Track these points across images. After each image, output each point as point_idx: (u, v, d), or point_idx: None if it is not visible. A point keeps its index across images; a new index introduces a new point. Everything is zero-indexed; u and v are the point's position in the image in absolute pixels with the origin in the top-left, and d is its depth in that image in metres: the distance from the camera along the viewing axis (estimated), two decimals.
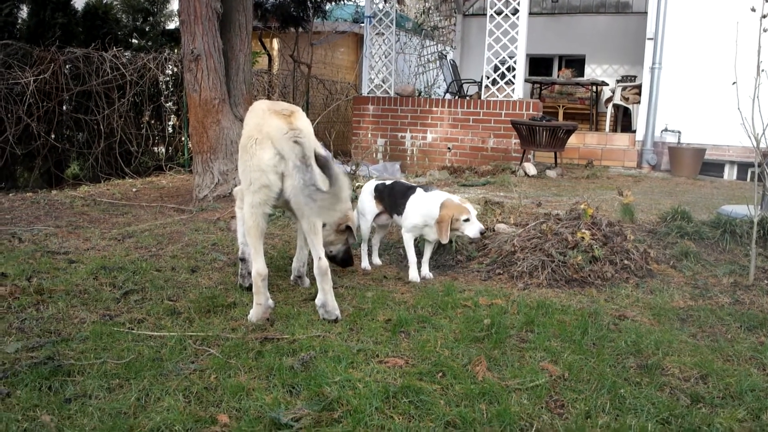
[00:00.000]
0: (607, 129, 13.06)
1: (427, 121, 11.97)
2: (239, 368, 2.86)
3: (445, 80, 13.50)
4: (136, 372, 2.78)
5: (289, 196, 3.35)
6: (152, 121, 10.78)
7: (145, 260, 4.63)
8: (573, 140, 10.85)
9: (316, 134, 11.48)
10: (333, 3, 12.79)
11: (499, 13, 11.18)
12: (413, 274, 4.42)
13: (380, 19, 12.52)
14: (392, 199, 4.65)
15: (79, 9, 10.08)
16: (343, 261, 4.36)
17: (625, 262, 4.54)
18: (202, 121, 7.49)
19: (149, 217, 6.72)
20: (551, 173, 9.34)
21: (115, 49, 10.03)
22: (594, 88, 13.59)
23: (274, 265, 4.53)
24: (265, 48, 14.43)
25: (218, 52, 7.45)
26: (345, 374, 2.75)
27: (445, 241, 4.25)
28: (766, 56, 4.30)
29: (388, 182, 4.87)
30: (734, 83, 4.46)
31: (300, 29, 12.76)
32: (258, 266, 3.46)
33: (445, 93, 13.37)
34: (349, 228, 4.22)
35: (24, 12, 9.49)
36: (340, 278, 4.34)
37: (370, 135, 12.66)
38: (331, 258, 4.20)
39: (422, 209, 4.38)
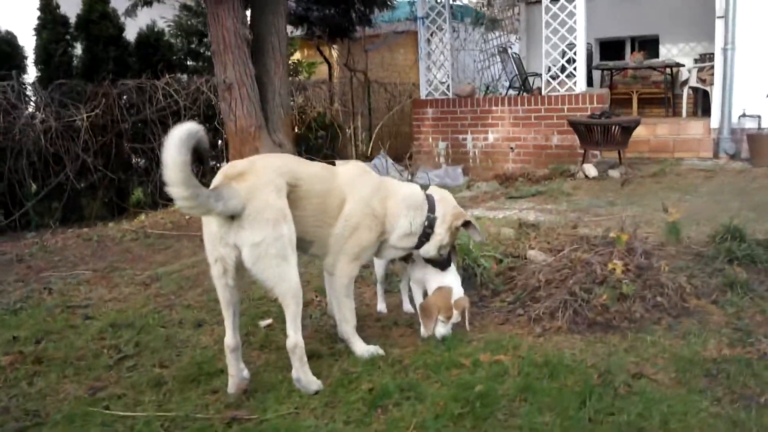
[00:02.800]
0: (684, 113, 12.15)
1: (488, 121, 11.54)
2: None
3: (507, 75, 12.99)
4: None
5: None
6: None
7: (158, 312, 4.61)
8: (642, 132, 10.13)
9: (380, 140, 11.38)
10: (380, 11, 12.50)
11: (555, 1, 10.59)
12: (425, 331, 4.01)
13: (433, 19, 12.15)
14: None
15: (131, 40, 10.28)
16: (448, 262, 4.05)
17: (658, 298, 4.08)
18: (239, 150, 7.47)
19: (189, 251, 6.73)
20: (614, 173, 8.74)
21: (167, 76, 10.19)
22: (669, 70, 12.68)
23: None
24: (324, 56, 14.38)
25: (251, 79, 7.40)
26: None
27: (427, 332, 3.85)
28: None
29: None
30: None
31: (350, 39, 12.58)
32: (226, 338, 3.31)
33: (507, 89, 12.86)
34: (468, 223, 3.98)
35: (78, 49, 9.78)
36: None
37: (430, 138, 12.37)
38: (440, 262, 3.97)
39: (421, 275, 4.08)
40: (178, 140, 2.77)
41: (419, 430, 2.84)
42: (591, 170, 8.70)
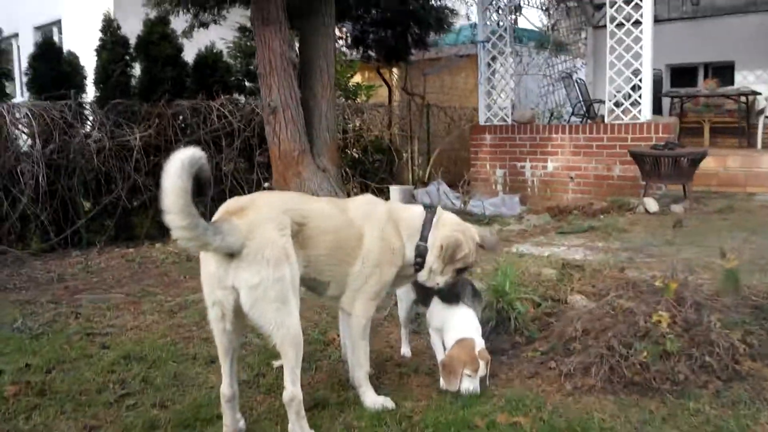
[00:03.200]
0: (759, 144, 11.41)
1: (547, 149, 11.13)
2: None
3: (570, 102, 12.55)
4: None
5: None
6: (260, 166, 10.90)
7: (174, 344, 4.48)
8: (711, 164, 9.52)
9: (438, 165, 11.02)
10: (437, 34, 12.29)
11: (620, 25, 10.15)
12: (445, 383, 3.69)
13: (494, 43, 11.85)
14: (418, 284, 3.88)
15: (190, 61, 10.39)
16: (449, 295, 3.69)
17: (707, 358, 3.65)
18: (283, 173, 7.36)
19: None
20: (677, 208, 8.19)
21: (223, 96, 10.23)
22: (744, 98, 11.95)
23: None
24: (383, 79, 14.27)
25: (296, 102, 7.29)
26: None
27: (452, 388, 3.53)
28: None
29: None
30: None
31: (405, 62, 12.41)
32: (222, 387, 3.10)
33: (570, 116, 12.41)
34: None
35: (137, 69, 9.95)
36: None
37: (488, 165, 12.04)
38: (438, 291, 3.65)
39: (442, 319, 3.75)
40: (179, 164, 2.59)
41: None
42: (652, 205, 8.18)
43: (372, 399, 3.43)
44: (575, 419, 3.22)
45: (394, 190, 12.11)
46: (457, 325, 3.65)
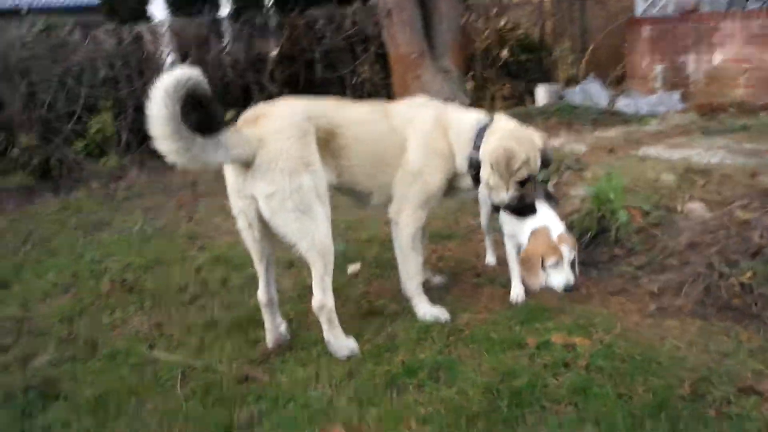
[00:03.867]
0: None
1: (714, 40, 9.74)
2: (187, 417, 2.57)
3: None
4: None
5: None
6: None
7: None
8: None
9: (593, 63, 10.04)
10: None
11: None
12: (516, 292, 3.43)
13: None
14: None
15: None
16: (518, 209, 3.24)
17: None
18: (402, 76, 7.13)
19: None
20: None
21: (356, 4, 10.01)
22: None
23: None
24: None
25: (411, 2, 6.92)
26: None
27: (534, 287, 3.19)
28: None
29: None
30: None
31: None
32: (259, 292, 3.09)
33: (745, 1, 10.74)
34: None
35: None
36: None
37: (646, 61, 10.84)
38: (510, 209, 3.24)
39: (512, 223, 3.38)
40: (163, 93, 2.50)
41: (419, 425, 2.38)
42: None
43: (425, 310, 3.25)
44: (643, 344, 2.83)
45: (541, 88, 11.39)
46: (528, 220, 3.25)
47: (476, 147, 3.14)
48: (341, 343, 2.94)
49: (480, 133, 3.15)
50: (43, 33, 8.17)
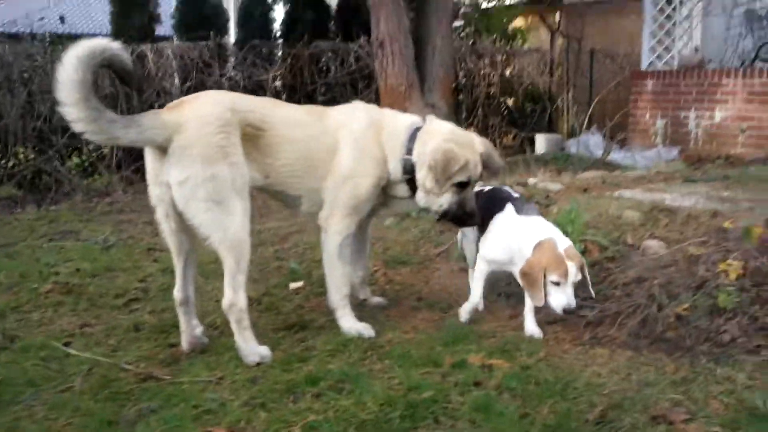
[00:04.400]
0: None
1: (716, 96, 9.68)
2: (76, 409, 2.47)
3: (754, 42, 10.83)
4: None
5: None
6: None
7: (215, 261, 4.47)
8: None
9: (598, 115, 10.00)
10: None
11: None
12: (464, 314, 3.27)
13: None
14: (482, 212, 3.29)
15: (332, 5, 10.44)
16: (459, 218, 3.17)
17: None
18: (390, 108, 7.09)
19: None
20: None
21: (362, 39, 10.13)
22: None
23: None
24: (546, 24, 13.34)
25: (404, 34, 6.97)
26: None
27: (538, 302, 2.93)
28: None
29: (485, 188, 3.56)
30: None
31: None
32: (175, 290, 3.03)
33: (752, 60, 10.71)
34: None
35: (278, 12, 10.18)
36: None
37: (648, 115, 10.79)
38: (443, 216, 3.17)
39: (507, 241, 3.15)
40: (74, 58, 2.50)
41: (305, 431, 2.26)
42: None
43: (349, 324, 3.15)
44: (563, 369, 2.70)
45: (541, 138, 11.38)
46: (529, 232, 3.04)
47: (409, 151, 3.07)
48: (251, 348, 2.84)
49: (413, 136, 3.08)
50: (48, 45, 8.34)
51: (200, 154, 2.70)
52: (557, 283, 2.87)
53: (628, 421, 2.29)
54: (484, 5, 12.84)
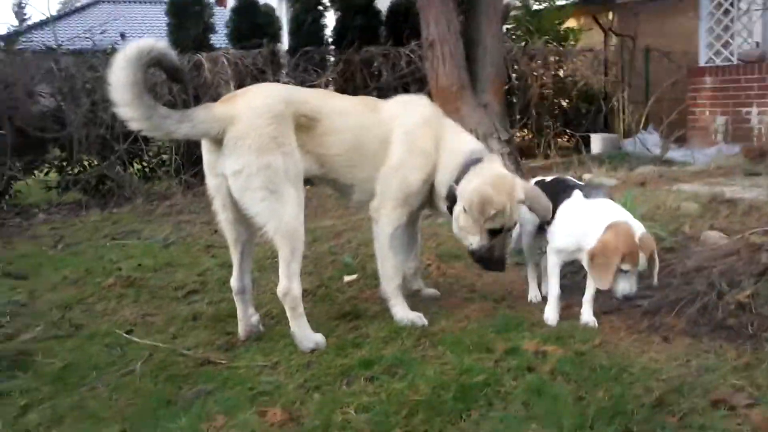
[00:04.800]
0: None
1: None
2: (137, 390, 2.56)
3: None
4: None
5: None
6: None
7: (273, 257, 4.54)
8: None
9: (655, 114, 9.90)
10: None
11: None
12: (550, 313, 3.13)
13: None
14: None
15: (383, 10, 10.51)
16: (486, 261, 3.17)
17: None
18: (441, 108, 7.08)
19: None
20: None
21: (413, 43, 10.17)
22: None
23: None
24: (598, 23, 13.14)
25: (454, 35, 6.94)
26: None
27: (603, 286, 2.83)
28: None
29: (548, 179, 3.49)
30: None
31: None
32: (232, 279, 3.10)
33: None
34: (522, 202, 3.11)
35: (329, 19, 10.31)
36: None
37: (707, 112, 10.51)
38: (476, 259, 3.20)
39: (575, 225, 3.02)
40: (123, 60, 2.60)
41: (360, 413, 2.28)
42: None
43: (402, 313, 3.16)
44: (619, 355, 2.66)
45: (596, 138, 11.20)
46: (599, 213, 2.91)
47: (457, 180, 3.10)
48: (306, 334, 2.88)
49: (467, 167, 3.10)
50: (108, 56, 8.64)
51: (254, 145, 2.77)
52: (625, 271, 2.77)
53: (687, 405, 2.23)
54: (535, 7, 12.70)
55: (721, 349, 2.68)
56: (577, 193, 3.12)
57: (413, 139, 3.10)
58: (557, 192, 3.21)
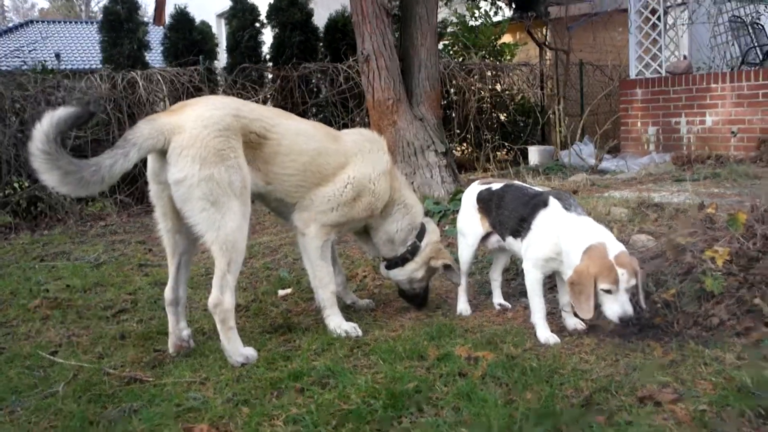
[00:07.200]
0: None
1: (705, 101, 9.73)
2: (59, 411, 2.44)
3: (740, 48, 10.92)
4: None
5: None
6: None
7: (206, 274, 4.46)
8: None
9: (590, 126, 10.07)
10: None
11: None
12: (543, 333, 2.95)
13: None
14: (502, 212, 3.20)
15: (320, 27, 10.51)
16: (423, 301, 3.60)
17: (757, 301, 2.87)
18: (377, 123, 7.13)
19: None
20: None
21: (351, 59, 10.21)
22: None
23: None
24: (534, 38, 13.45)
25: (389, 50, 6.99)
26: None
27: (586, 314, 2.71)
28: None
29: (495, 186, 3.35)
30: None
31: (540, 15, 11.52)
32: (166, 290, 3.03)
33: (739, 65, 10.78)
34: (448, 267, 3.51)
35: (267, 36, 10.26)
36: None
37: (639, 123, 10.84)
38: (411, 296, 3.56)
39: (558, 238, 2.90)
40: (39, 151, 2.51)
41: (289, 425, 2.23)
42: None
43: (336, 323, 3.14)
44: (551, 358, 2.68)
45: (534, 150, 11.42)
46: (579, 235, 2.81)
47: (419, 237, 3.47)
48: (236, 348, 2.82)
49: (425, 226, 3.53)
50: (39, 75, 8.39)
51: (197, 155, 2.70)
52: (608, 291, 2.68)
53: (615, 403, 2.26)
54: (471, 22, 12.92)
55: (648, 348, 2.73)
56: (553, 202, 2.99)
57: (374, 181, 3.29)
58: (523, 200, 3.11)
